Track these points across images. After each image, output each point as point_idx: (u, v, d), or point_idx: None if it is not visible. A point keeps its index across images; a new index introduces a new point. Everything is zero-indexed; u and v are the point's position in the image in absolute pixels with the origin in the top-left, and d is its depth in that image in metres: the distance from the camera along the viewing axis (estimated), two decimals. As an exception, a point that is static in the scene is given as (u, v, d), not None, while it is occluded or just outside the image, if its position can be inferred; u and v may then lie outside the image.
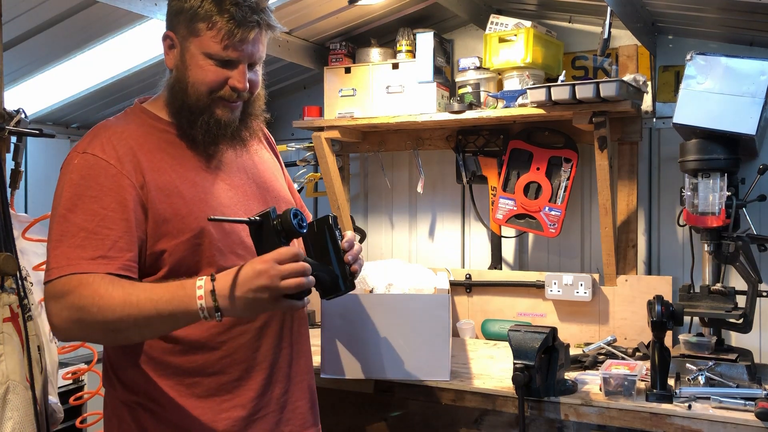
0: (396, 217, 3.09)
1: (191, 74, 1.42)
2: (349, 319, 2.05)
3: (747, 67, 2.02)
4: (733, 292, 2.08)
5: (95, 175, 1.34)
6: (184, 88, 1.43)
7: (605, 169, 2.37)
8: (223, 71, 1.42)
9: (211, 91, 1.42)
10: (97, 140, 1.39)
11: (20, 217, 1.93)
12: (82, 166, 1.35)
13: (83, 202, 1.32)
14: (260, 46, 1.44)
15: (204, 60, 1.40)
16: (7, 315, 1.69)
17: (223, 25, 1.37)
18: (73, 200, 1.32)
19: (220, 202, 1.45)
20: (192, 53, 1.41)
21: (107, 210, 1.32)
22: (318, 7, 2.51)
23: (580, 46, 2.71)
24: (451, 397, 2.02)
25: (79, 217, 1.31)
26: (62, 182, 1.37)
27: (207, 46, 1.39)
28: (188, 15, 1.39)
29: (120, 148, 1.38)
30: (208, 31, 1.38)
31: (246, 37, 1.39)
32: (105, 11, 2.14)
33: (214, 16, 1.37)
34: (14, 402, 1.65)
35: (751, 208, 2.15)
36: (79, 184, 1.34)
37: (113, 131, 1.41)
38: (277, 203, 1.55)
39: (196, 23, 1.39)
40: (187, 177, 1.43)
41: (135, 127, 1.44)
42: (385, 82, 2.71)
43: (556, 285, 2.56)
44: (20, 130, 1.87)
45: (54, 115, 2.98)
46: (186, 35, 1.42)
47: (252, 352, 1.47)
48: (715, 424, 1.73)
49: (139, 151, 1.39)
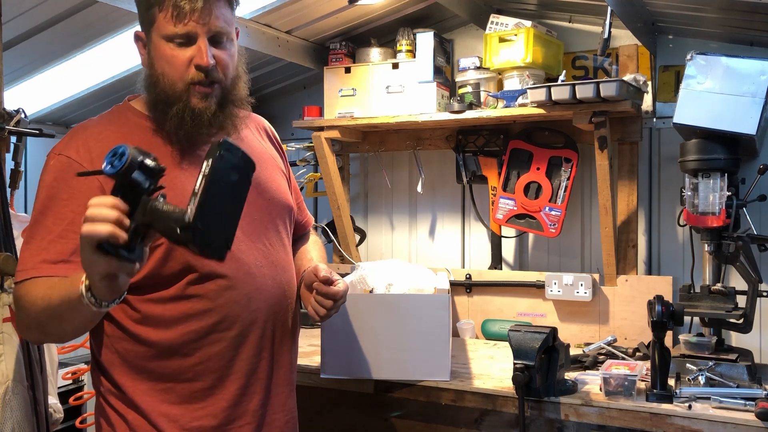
0: (396, 217, 3.09)
1: (158, 65, 1.38)
2: (349, 319, 2.04)
3: (747, 67, 2.02)
4: (734, 292, 2.08)
5: (68, 177, 1.32)
6: (156, 81, 1.39)
7: (605, 169, 2.37)
8: (184, 51, 1.36)
9: (180, 77, 1.37)
10: (73, 142, 1.38)
11: (20, 217, 1.93)
12: (56, 168, 1.35)
13: (54, 205, 1.32)
14: (218, 16, 1.37)
15: (165, 45, 1.36)
16: (7, 315, 1.69)
17: (170, 1, 1.33)
18: (45, 202, 1.33)
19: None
20: (155, 43, 1.38)
21: (76, 214, 1.27)
22: (318, 7, 2.51)
23: (580, 46, 2.71)
24: (451, 397, 2.02)
25: (48, 220, 1.31)
26: (39, 184, 1.37)
27: (163, 28, 1.35)
28: (144, 4, 1.37)
29: (95, 149, 1.35)
30: (160, 13, 1.34)
31: (195, 7, 1.33)
32: (105, 11, 2.14)
33: None
34: (14, 402, 1.65)
35: (751, 208, 2.15)
36: (51, 186, 1.34)
37: (90, 132, 1.40)
38: (268, 202, 1.51)
39: (152, 9, 1.36)
40: (171, 177, 1.33)
41: (116, 128, 1.42)
42: (385, 82, 2.71)
43: (556, 285, 2.56)
44: (20, 130, 1.88)
45: (54, 115, 2.98)
46: (148, 27, 1.39)
47: (227, 360, 1.42)
48: (715, 424, 1.72)
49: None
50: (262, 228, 1.49)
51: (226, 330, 1.41)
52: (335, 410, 2.21)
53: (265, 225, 1.50)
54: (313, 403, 2.24)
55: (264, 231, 1.49)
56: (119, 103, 1.51)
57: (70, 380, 2.60)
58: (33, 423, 1.69)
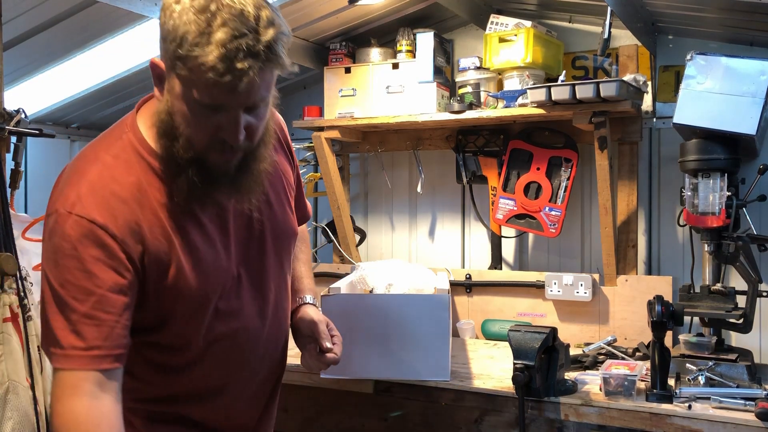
0: (396, 217, 3.09)
1: (176, 119, 1.18)
2: (349, 319, 2.04)
3: (747, 67, 2.02)
4: (733, 292, 2.08)
5: (89, 245, 1.14)
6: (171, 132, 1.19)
7: (605, 169, 2.37)
8: (211, 117, 1.15)
9: (200, 141, 1.18)
10: (93, 198, 1.17)
11: (20, 217, 1.94)
12: (76, 233, 1.14)
13: (75, 278, 1.14)
14: (259, 89, 1.14)
15: (188, 105, 1.15)
16: (7, 315, 1.69)
17: (207, 68, 1.08)
18: (64, 274, 1.14)
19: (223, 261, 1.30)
20: (176, 94, 1.16)
21: (103, 288, 1.14)
22: (318, 7, 2.51)
23: (580, 46, 2.71)
24: (451, 397, 2.02)
25: (71, 294, 1.14)
26: (52, 244, 1.16)
27: (191, 91, 1.13)
28: (172, 44, 1.11)
29: (118, 210, 1.17)
30: (189, 73, 1.11)
31: (236, 85, 1.10)
32: (105, 11, 2.14)
33: (199, 55, 1.08)
34: (14, 402, 1.65)
35: (751, 208, 2.15)
36: (71, 255, 1.14)
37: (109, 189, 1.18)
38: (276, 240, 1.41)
39: (179, 59, 1.11)
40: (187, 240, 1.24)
41: (133, 178, 1.21)
42: (385, 82, 2.71)
43: (556, 285, 2.56)
44: (20, 130, 1.87)
45: (54, 115, 2.98)
46: (170, 68, 1.15)
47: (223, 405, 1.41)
48: (715, 424, 1.72)
49: (139, 212, 1.20)
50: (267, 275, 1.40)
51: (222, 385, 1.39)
52: (335, 410, 2.21)
53: (271, 269, 1.42)
54: (313, 403, 2.24)
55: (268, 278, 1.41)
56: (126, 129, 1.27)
57: (70, 380, 2.60)
58: (33, 423, 1.68)
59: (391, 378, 2.05)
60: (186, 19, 1.09)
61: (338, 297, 2.04)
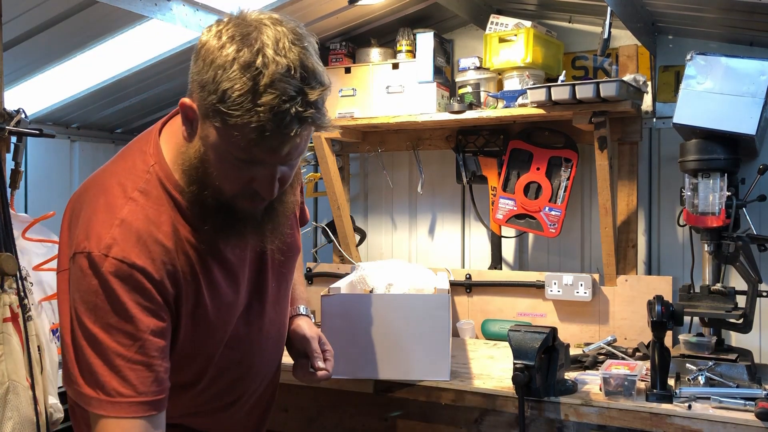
0: (396, 217, 3.09)
1: (209, 168, 1.15)
2: (349, 319, 2.04)
3: (747, 67, 2.02)
4: (733, 292, 2.08)
5: (130, 289, 1.11)
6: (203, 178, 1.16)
7: (605, 169, 2.37)
8: (247, 171, 1.13)
9: (232, 190, 1.16)
10: (129, 240, 1.13)
11: (20, 217, 1.94)
12: (115, 277, 1.11)
13: (118, 323, 1.11)
14: (299, 146, 1.12)
15: (223, 156, 1.12)
16: (7, 315, 1.69)
17: (250, 129, 1.04)
18: (106, 318, 1.11)
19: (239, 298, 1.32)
20: (211, 141, 1.11)
21: (146, 333, 1.12)
22: (318, 7, 2.51)
23: (580, 46, 2.71)
24: (451, 397, 2.02)
25: (114, 339, 1.10)
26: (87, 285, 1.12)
27: (228, 142, 1.09)
28: (211, 96, 1.06)
29: (155, 252, 1.14)
30: (230, 129, 1.06)
31: (280, 147, 1.08)
32: (105, 11, 2.14)
33: (242, 115, 1.03)
34: (14, 402, 1.65)
35: (751, 208, 2.15)
36: (111, 299, 1.11)
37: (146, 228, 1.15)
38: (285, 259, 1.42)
39: (218, 113, 1.06)
40: (207, 280, 1.24)
41: (165, 218, 1.18)
42: (385, 82, 2.71)
43: (556, 285, 2.56)
44: (20, 130, 1.87)
45: (54, 115, 2.98)
46: (206, 115, 1.10)
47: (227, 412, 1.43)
48: (715, 424, 1.72)
49: (174, 253, 1.18)
50: (273, 295, 1.41)
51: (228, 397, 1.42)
52: (335, 410, 2.21)
53: (277, 289, 1.43)
54: (313, 403, 2.24)
55: (274, 298, 1.42)
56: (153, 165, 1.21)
57: (70, 380, 2.60)
58: (33, 423, 1.68)
59: (391, 378, 2.05)
60: (230, 75, 1.04)
61: (338, 297, 2.04)
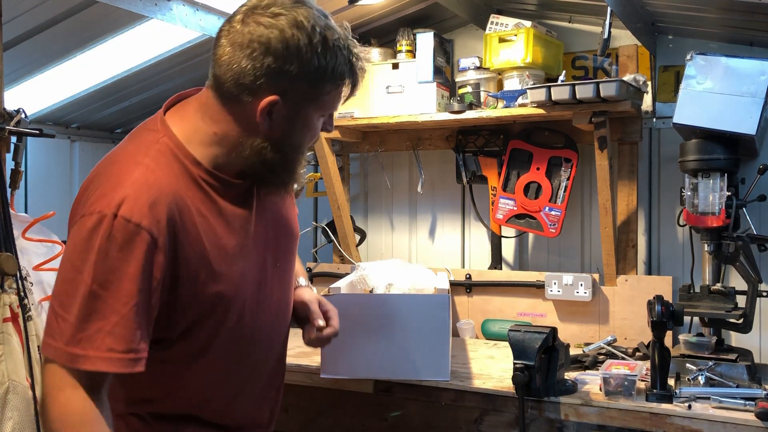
0: (396, 217, 3.09)
1: (297, 135, 1.31)
2: (349, 319, 2.04)
3: (747, 67, 2.02)
4: (733, 292, 2.08)
5: (133, 248, 1.15)
6: (285, 149, 1.31)
7: (605, 169, 2.37)
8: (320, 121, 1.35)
9: (310, 145, 1.38)
10: (139, 201, 1.17)
11: (20, 217, 1.93)
12: (122, 235, 1.15)
13: (118, 280, 1.15)
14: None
15: (318, 119, 1.32)
16: (7, 315, 1.69)
17: (348, 86, 1.31)
18: (106, 275, 1.14)
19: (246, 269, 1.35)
20: (306, 114, 1.29)
21: (141, 292, 1.17)
22: (318, 7, 2.51)
23: (580, 46, 2.71)
24: (451, 397, 2.02)
25: (111, 297, 1.15)
26: (90, 245, 1.16)
27: (329, 105, 1.31)
28: (316, 75, 1.24)
29: (160, 213, 1.19)
30: (334, 91, 1.29)
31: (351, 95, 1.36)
32: (105, 11, 2.14)
33: (346, 77, 1.29)
34: (14, 402, 1.65)
35: (751, 208, 2.15)
36: (115, 257, 1.15)
37: (156, 191, 1.20)
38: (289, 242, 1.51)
39: (324, 84, 1.26)
40: (219, 246, 1.29)
41: (176, 181, 1.24)
42: (385, 82, 2.71)
43: (556, 285, 2.56)
44: (20, 130, 1.87)
45: (54, 115, 2.98)
46: (300, 100, 1.26)
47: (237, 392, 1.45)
48: (715, 424, 1.73)
49: (179, 217, 1.22)
50: (277, 274, 1.46)
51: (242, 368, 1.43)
52: (335, 410, 2.21)
53: (280, 268, 1.48)
54: (313, 403, 2.24)
55: (278, 276, 1.47)
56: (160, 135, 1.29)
57: (70, 380, 2.60)
58: (33, 423, 1.68)
59: (391, 378, 2.05)
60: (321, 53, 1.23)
61: (338, 297, 2.04)
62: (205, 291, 1.27)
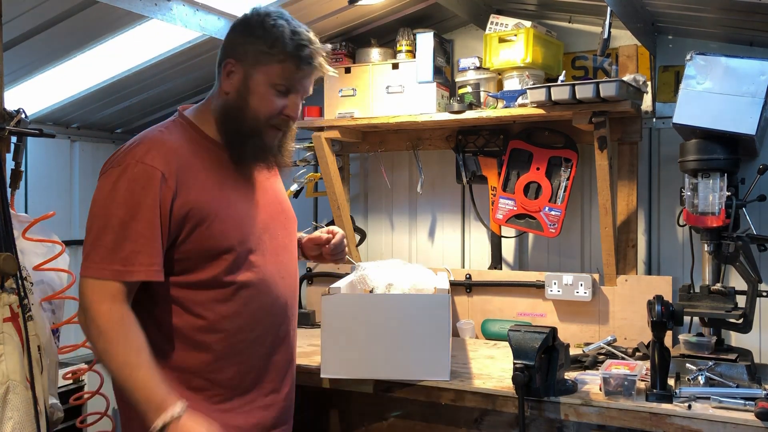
0: (396, 217, 3.09)
1: (251, 100, 1.56)
2: (349, 319, 2.05)
3: (747, 67, 2.02)
4: (733, 292, 2.09)
5: (153, 186, 1.47)
6: (242, 113, 1.57)
7: (605, 169, 2.37)
8: (281, 100, 1.58)
9: (269, 118, 1.58)
10: (155, 153, 1.50)
11: (20, 217, 1.94)
12: (142, 176, 1.47)
13: (143, 211, 1.46)
14: (312, 84, 1.64)
15: (267, 89, 1.56)
16: (7, 315, 1.70)
17: (294, 62, 1.55)
18: (135, 208, 1.46)
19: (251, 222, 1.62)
20: (256, 81, 1.56)
21: (159, 219, 1.47)
22: (318, 7, 2.51)
23: (580, 46, 2.71)
24: (451, 397, 2.02)
25: (140, 225, 1.45)
26: (118, 186, 1.47)
27: (274, 77, 1.55)
28: (262, 47, 1.54)
29: (173, 163, 1.51)
30: (278, 65, 1.54)
31: (307, 75, 1.59)
32: (105, 11, 2.15)
33: (289, 53, 1.54)
34: (14, 402, 1.65)
35: (751, 208, 2.15)
36: (140, 193, 1.46)
37: (169, 147, 1.53)
38: (289, 222, 1.76)
39: (269, 56, 1.54)
40: (224, 197, 1.57)
41: (188, 146, 1.57)
42: (385, 82, 2.71)
43: (556, 285, 2.56)
44: (20, 130, 1.88)
45: (54, 115, 2.98)
46: (254, 63, 1.55)
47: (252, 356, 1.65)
48: (715, 424, 1.73)
49: (188, 170, 1.53)
50: (282, 245, 1.70)
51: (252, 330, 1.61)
52: (335, 410, 2.21)
53: (284, 241, 1.72)
54: (313, 403, 2.24)
55: (283, 247, 1.71)
56: (176, 117, 1.65)
57: (71, 380, 2.60)
58: (33, 423, 1.69)
59: (391, 378, 2.05)
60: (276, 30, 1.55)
61: (338, 297, 2.05)
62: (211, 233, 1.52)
